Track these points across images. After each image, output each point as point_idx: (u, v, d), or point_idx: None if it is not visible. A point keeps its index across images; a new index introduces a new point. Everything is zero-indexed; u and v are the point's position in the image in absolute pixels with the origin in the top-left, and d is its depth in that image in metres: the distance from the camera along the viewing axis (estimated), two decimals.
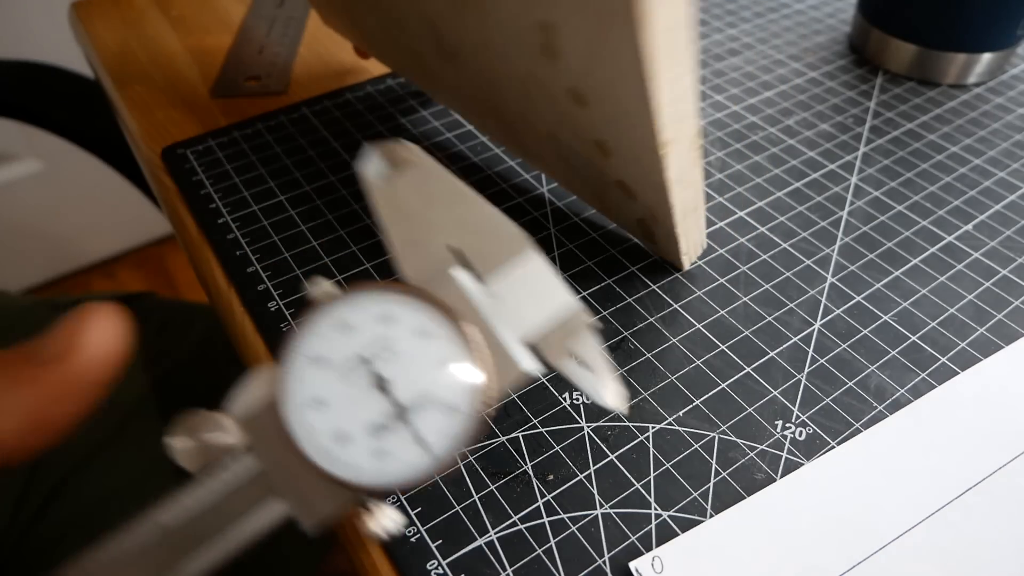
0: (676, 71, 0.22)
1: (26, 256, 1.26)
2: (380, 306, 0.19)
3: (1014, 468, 0.26)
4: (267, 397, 0.19)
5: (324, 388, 0.19)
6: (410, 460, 0.18)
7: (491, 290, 0.21)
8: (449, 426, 0.18)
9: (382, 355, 0.19)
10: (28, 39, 1.09)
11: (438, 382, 0.19)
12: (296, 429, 0.18)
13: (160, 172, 0.42)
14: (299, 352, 0.19)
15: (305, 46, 0.52)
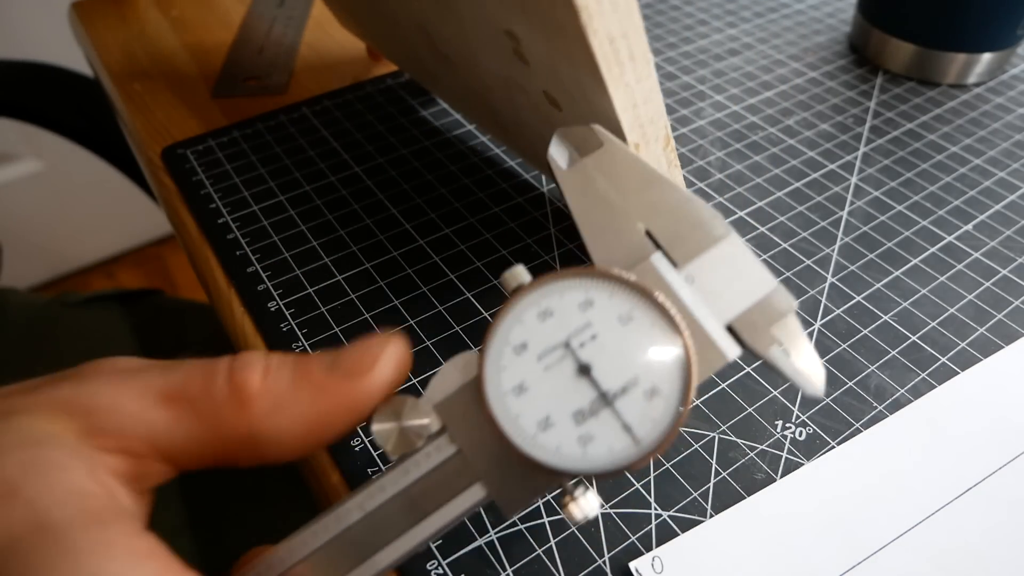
0: (631, 77, 0.22)
1: (26, 256, 1.26)
2: (581, 292, 0.19)
3: (1014, 468, 0.26)
4: (464, 383, 0.19)
5: (526, 374, 0.19)
6: (615, 447, 0.18)
7: (689, 274, 0.20)
8: (655, 412, 0.18)
9: (584, 341, 0.19)
10: (28, 39, 1.09)
11: (643, 368, 0.18)
12: (499, 414, 0.18)
13: (160, 172, 0.42)
14: (501, 339, 0.19)
15: (305, 46, 0.52)
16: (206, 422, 0.17)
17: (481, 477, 0.18)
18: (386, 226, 0.37)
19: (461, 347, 0.31)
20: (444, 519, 0.18)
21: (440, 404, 0.19)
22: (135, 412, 0.17)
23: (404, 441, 0.19)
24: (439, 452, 0.19)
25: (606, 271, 0.19)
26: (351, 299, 0.33)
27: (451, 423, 0.19)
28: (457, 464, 0.19)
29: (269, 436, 0.18)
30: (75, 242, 1.33)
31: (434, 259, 0.35)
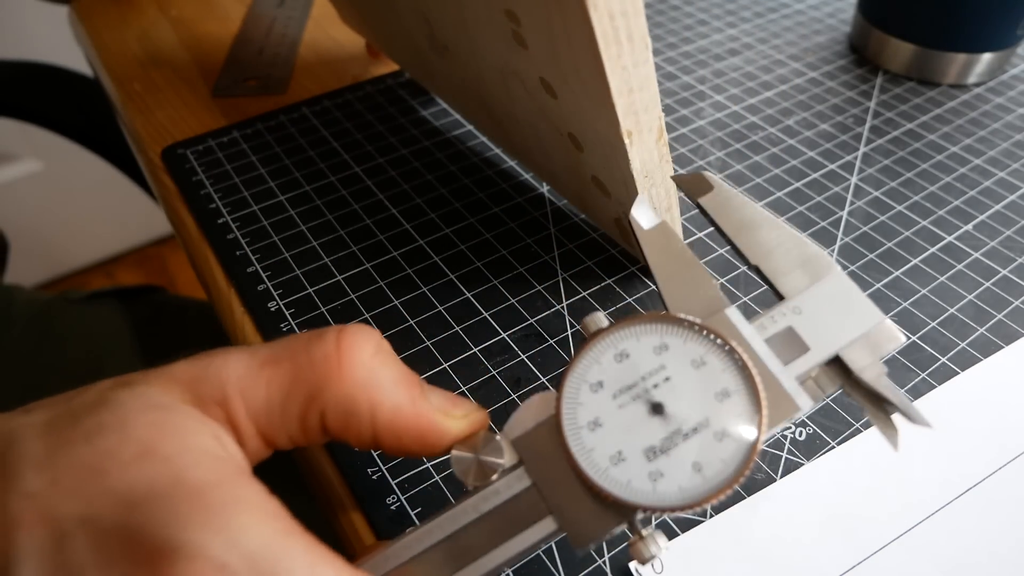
0: (628, 59, 0.22)
1: (26, 256, 1.26)
2: (657, 337, 0.20)
3: (1014, 468, 0.26)
4: (541, 421, 0.20)
5: (601, 411, 0.19)
6: (684, 484, 0.18)
7: (796, 306, 0.21)
8: (724, 454, 0.19)
9: (658, 383, 0.20)
10: (28, 39, 1.09)
11: (714, 411, 0.19)
12: (574, 447, 0.19)
13: (160, 172, 0.42)
14: (579, 378, 0.20)
15: (305, 46, 0.52)
16: (303, 375, 0.18)
17: (554, 510, 0.19)
18: (386, 226, 0.37)
19: (461, 347, 0.31)
20: (516, 548, 0.19)
21: (517, 439, 0.20)
22: (238, 378, 0.18)
23: (481, 472, 0.20)
24: (514, 485, 0.19)
25: (682, 318, 0.20)
26: (351, 299, 0.33)
27: (527, 458, 0.20)
28: (531, 497, 0.19)
29: (350, 408, 0.19)
30: (75, 242, 1.33)
31: (434, 259, 0.35)
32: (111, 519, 0.15)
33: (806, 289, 0.21)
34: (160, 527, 0.15)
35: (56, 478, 0.16)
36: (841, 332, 0.21)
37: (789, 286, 0.22)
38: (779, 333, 0.21)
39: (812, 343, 0.21)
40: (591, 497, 0.19)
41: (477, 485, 0.20)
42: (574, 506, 0.19)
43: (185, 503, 0.15)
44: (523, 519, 0.19)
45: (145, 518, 0.15)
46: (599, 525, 0.19)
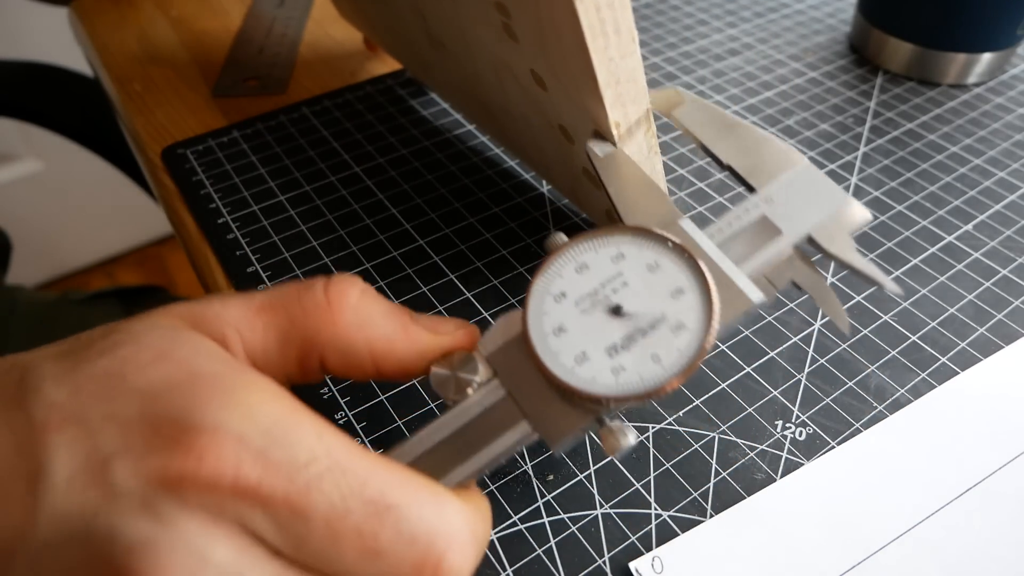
0: (615, 51, 0.23)
1: (26, 256, 1.26)
2: (614, 247, 0.22)
3: (1014, 468, 0.26)
4: (511, 337, 0.22)
5: (565, 318, 0.21)
6: (645, 375, 0.20)
7: (767, 195, 0.23)
8: (681, 344, 0.20)
9: (617, 287, 0.21)
10: (28, 39, 1.09)
11: (669, 307, 0.21)
12: (541, 352, 0.21)
13: (160, 172, 0.42)
14: (542, 290, 0.22)
15: (305, 46, 0.52)
16: (297, 324, 0.20)
17: (527, 414, 0.21)
18: (386, 226, 0.37)
19: None
20: (495, 451, 0.21)
21: (491, 355, 0.22)
22: (236, 319, 0.20)
23: (458, 387, 0.21)
24: (490, 396, 0.21)
25: (636, 227, 0.22)
26: None
27: (500, 370, 0.21)
28: (506, 406, 0.21)
29: (348, 348, 0.20)
30: (75, 242, 1.33)
31: (434, 259, 0.35)
32: (135, 411, 0.16)
33: (775, 180, 0.23)
34: (181, 411, 0.16)
35: (77, 387, 0.17)
36: (811, 214, 0.23)
37: (760, 180, 0.24)
38: (752, 223, 0.23)
39: (784, 227, 0.23)
40: (560, 397, 0.21)
41: (456, 399, 0.21)
42: (546, 408, 0.21)
43: (202, 389, 0.17)
44: (500, 425, 0.21)
45: (166, 405, 0.16)
46: (570, 422, 0.21)
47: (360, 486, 0.17)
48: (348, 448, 0.17)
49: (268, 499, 0.16)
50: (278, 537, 0.16)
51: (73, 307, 0.56)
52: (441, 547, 0.17)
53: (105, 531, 0.15)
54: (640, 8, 0.55)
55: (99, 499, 0.16)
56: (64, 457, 0.16)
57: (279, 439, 0.17)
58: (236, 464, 0.16)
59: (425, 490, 0.18)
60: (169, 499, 0.16)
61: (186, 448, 0.16)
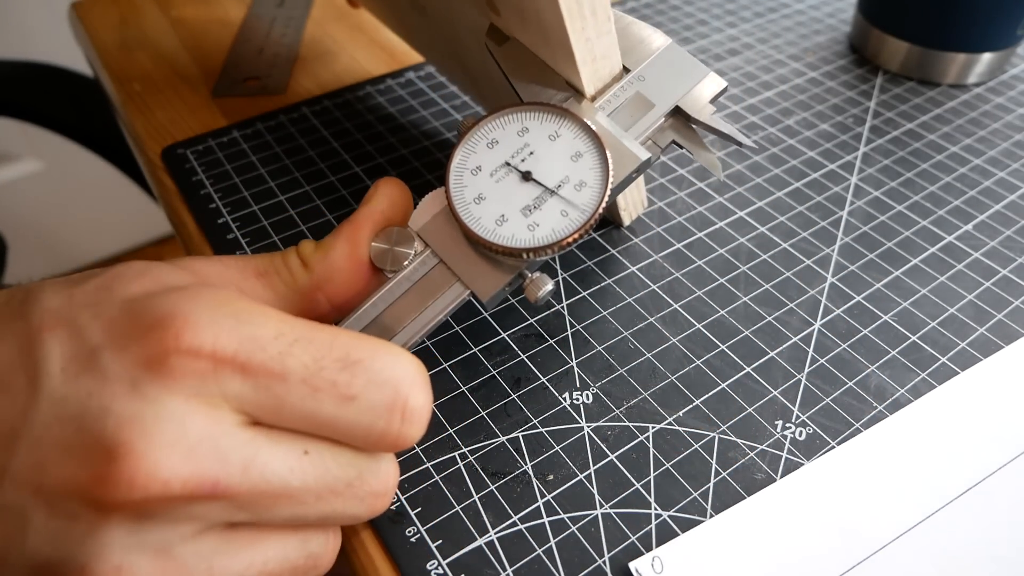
0: (592, 31, 0.25)
1: (26, 256, 1.26)
2: (519, 122, 0.25)
3: (1014, 468, 0.26)
4: (437, 210, 0.25)
5: (483, 188, 0.24)
6: (556, 227, 0.24)
7: (640, 75, 0.27)
8: (584, 199, 0.24)
9: (525, 157, 0.25)
10: (28, 39, 1.09)
11: (571, 169, 0.24)
12: (465, 219, 0.24)
13: (160, 172, 0.42)
14: (460, 166, 0.25)
15: (305, 46, 0.52)
16: (289, 284, 0.24)
17: (460, 275, 0.24)
18: None
19: (461, 347, 0.31)
20: (434, 312, 0.24)
21: (422, 228, 0.25)
22: (237, 280, 0.23)
23: (396, 259, 0.24)
24: (424, 265, 0.25)
25: (536, 103, 0.25)
26: None
27: (431, 241, 0.25)
28: (440, 271, 0.25)
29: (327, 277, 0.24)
30: (75, 242, 1.33)
31: None
32: (117, 311, 0.19)
33: (646, 60, 0.27)
34: (158, 307, 0.19)
35: (70, 296, 0.19)
36: (677, 87, 0.27)
37: (631, 60, 0.27)
38: (629, 99, 0.26)
39: (656, 100, 0.26)
40: (486, 257, 0.24)
41: (394, 269, 0.24)
42: (474, 268, 0.24)
43: (175, 292, 0.19)
44: (436, 289, 0.24)
45: (145, 304, 0.19)
46: (497, 277, 0.24)
47: (328, 348, 0.19)
48: (309, 323, 0.20)
49: (245, 366, 0.18)
50: (258, 401, 0.19)
51: None
52: (405, 388, 0.20)
53: (97, 410, 0.17)
54: (640, 8, 0.55)
55: (91, 383, 0.18)
56: (57, 351, 0.18)
57: (247, 321, 0.19)
58: (213, 339, 0.18)
59: (383, 346, 0.20)
60: (153, 378, 0.18)
61: (163, 331, 0.18)
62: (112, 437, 0.17)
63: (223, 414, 0.18)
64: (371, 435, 0.20)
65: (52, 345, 0.18)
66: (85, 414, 0.17)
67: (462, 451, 0.27)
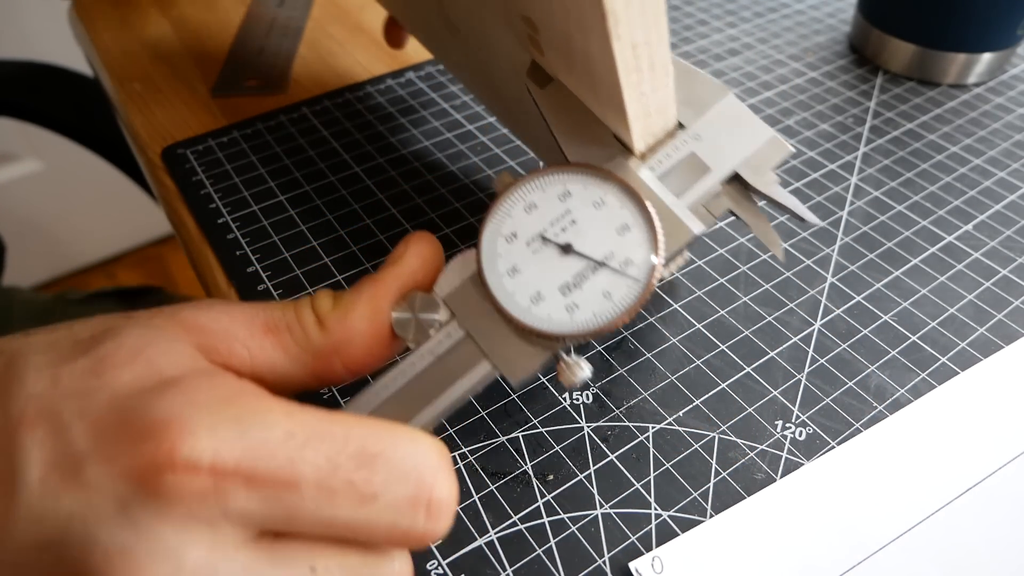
0: (648, 86, 0.22)
1: (26, 256, 1.26)
2: (560, 185, 0.22)
3: (1014, 468, 0.26)
4: (467, 277, 0.22)
5: (518, 258, 0.22)
6: (598, 311, 0.21)
7: (696, 133, 0.23)
8: (629, 280, 0.21)
9: (566, 226, 0.22)
10: (28, 39, 1.09)
11: (616, 243, 0.21)
12: (497, 294, 0.21)
13: (160, 172, 0.42)
14: (494, 231, 0.22)
15: (305, 46, 0.52)
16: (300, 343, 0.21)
17: (488, 353, 0.21)
18: (386, 226, 0.37)
19: None
20: (459, 391, 0.21)
21: (448, 296, 0.22)
22: (244, 337, 0.20)
23: (420, 330, 0.22)
24: (450, 337, 0.22)
25: (580, 165, 0.22)
26: None
27: (458, 311, 0.22)
28: (467, 346, 0.22)
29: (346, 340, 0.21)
30: (75, 242, 1.33)
31: None
32: (104, 408, 0.17)
33: (703, 115, 0.24)
34: (148, 409, 0.16)
35: (56, 379, 0.17)
36: (737, 151, 0.23)
37: (688, 115, 0.24)
38: (683, 160, 0.23)
39: (712, 164, 0.23)
40: (518, 336, 0.21)
41: (418, 340, 0.22)
42: (505, 347, 0.21)
43: (169, 388, 0.17)
44: (461, 366, 0.22)
45: (136, 405, 0.17)
46: (529, 359, 0.21)
47: (342, 445, 0.17)
48: (319, 417, 0.18)
49: (251, 477, 0.16)
50: (267, 514, 0.17)
51: (71, 307, 0.56)
52: (429, 479, 0.18)
53: (80, 537, 0.15)
54: None
55: (73, 502, 0.16)
56: (36, 455, 0.16)
57: (251, 423, 0.17)
58: (213, 449, 0.16)
59: (402, 433, 0.18)
60: (145, 501, 0.16)
61: (156, 442, 0.16)
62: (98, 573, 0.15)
63: (223, 536, 0.16)
64: (393, 535, 0.18)
65: (31, 447, 0.16)
66: (65, 540, 0.16)
67: (462, 451, 0.27)
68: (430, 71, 0.48)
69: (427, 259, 0.22)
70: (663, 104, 0.23)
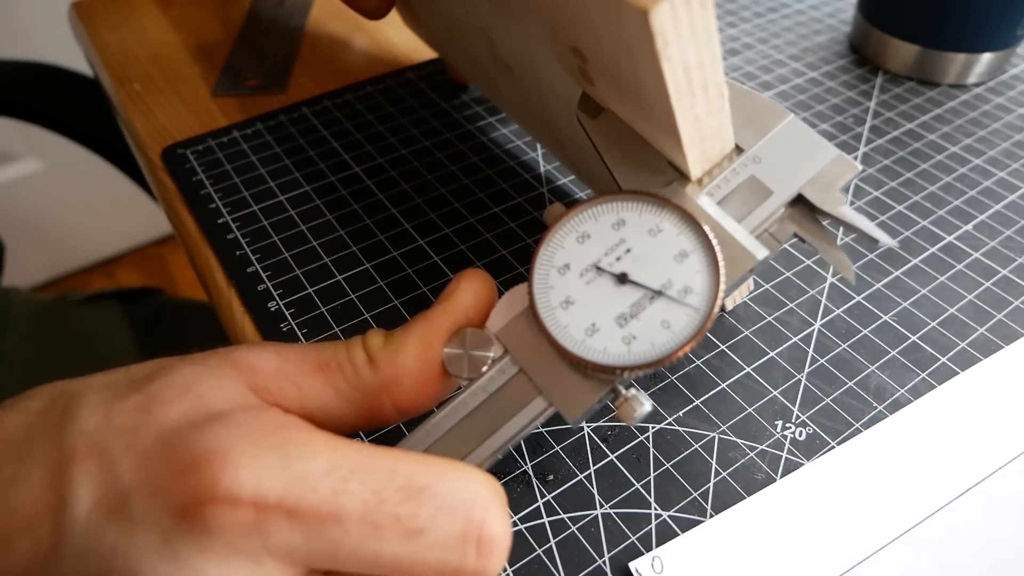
0: (702, 110, 0.21)
1: (26, 255, 1.26)
2: (613, 214, 0.22)
3: (1014, 468, 0.26)
4: (519, 311, 0.22)
5: (571, 290, 0.21)
6: (656, 341, 0.20)
7: (755, 155, 0.23)
8: (688, 309, 0.20)
9: (620, 255, 0.21)
10: (28, 39, 1.09)
11: (674, 271, 0.21)
12: (550, 327, 0.20)
13: (160, 172, 0.42)
14: (546, 263, 0.21)
15: (305, 46, 0.52)
16: (351, 382, 0.20)
17: (542, 389, 0.21)
18: (386, 226, 0.37)
19: None
20: (513, 429, 0.21)
21: (500, 331, 0.21)
22: (295, 375, 0.20)
23: (472, 366, 0.21)
24: (503, 373, 0.21)
25: (634, 192, 0.22)
26: (351, 299, 0.33)
27: (511, 346, 0.21)
28: (521, 382, 0.21)
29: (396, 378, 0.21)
30: (75, 242, 1.33)
31: (434, 259, 0.35)
32: (153, 442, 0.17)
33: (762, 139, 0.23)
34: (194, 442, 0.16)
35: (109, 415, 0.17)
36: (800, 172, 0.22)
37: (746, 138, 0.23)
38: (742, 184, 0.22)
39: (774, 187, 0.22)
40: (573, 370, 0.21)
41: (471, 377, 0.21)
42: (560, 382, 0.21)
43: (218, 424, 0.17)
44: (516, 403, 0.21)
45: (182, 438, 0.17)
46: (585, 395, 0.20)
47: (388, 478, 0.17)
48: (365, 450, 0.17)
49: (294, 511, 0.16)
50: (310, 549, 0.16)
51: (71, 308, 0.56)
52: (479, 514, 0.17)
53: (123, 571, 0.15)
54: None
55: (117, 535, 0.16)
56: (86, 488, 0.16)
57: (294, 455, 0.16)
58: (255, 481, 0.16)
59: (451, 467, 0.18)
60: (187, 533, 0.15)
61: (199, 474, 0.16)
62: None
63: (266, 571, 0.16)
64: (443, 572, 0.17)
65: (81, 480, 0.16)
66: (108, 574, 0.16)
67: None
68: (430, 71, 0.48)
69: (480, 296, 0.22)
70: (719, 127, 0.22)
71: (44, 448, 0.17)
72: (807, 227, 0.23)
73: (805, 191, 0.22)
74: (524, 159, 0.41)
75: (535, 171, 0.40)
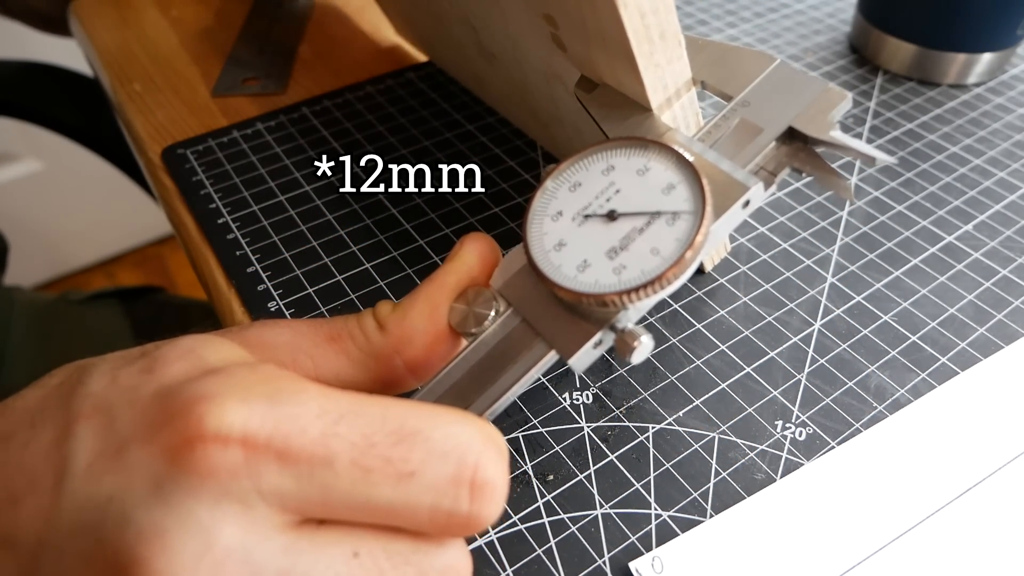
0: (661, 56, 0.23)
1: (26, 256, 1.26)
2: (603, 161, 0.22)
3: (1014, 468, 0.26)
4: (519, 268, 0.22)
5: (564, 233, 0.22)
6: (646, 267, 0.20)
7: (744, 100, 0.24)
8: (677, 233, 0.20)
9: (611, 196, 0.22)
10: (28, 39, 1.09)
11: (662, 202, 0.21)
12: (544, 268, 0.21)
13: (160, 172, 0.42)
14: (540, 213, 0.22)
15: (305, 46, 0.52)
16: (363, 349, 0.21)
17: (543, 334, 0.22)
18: (386, 226, 0.37)
19: None
20: (513, 377, 0.21)
21: (503, 286, 0.23)
22: (307, 347, 0.21)
23: (476, 321, 0.22)
24: (506, 325, 0.22)
25: (622, 137, 0.22)
26: (351, 299, 0.33)
27: (513, 300, 0.22)
28: (522, 331, 0.22)
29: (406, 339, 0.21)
30: (75, 242, 1.33)
31: (434, 259, 0.35)
32: (151, 396, 0.17)
33: (750, 84, 0.24)
34: (187, 391, 0.17)
35: (115, 378, 0.18)
36: (789, 107, 0.23)
37: (735, 87, 0.24)
38: (733, 128, 0.23)
39: (764, 124, 0.23)
40: (570, 312, 0.21)
41: (475, 331, 0.22)
42: (558, 325, 0.21)
43: (211, 375, 0.17)
44: (517, 350, 0.22)
45: (176, 389, 0.17)
46: (582, 332, 0.21)
47: (379, 422, 0.17)
48: (357, 397, 0.17)
49: (284, 452, 0.16)
50: (301, 493, 0.16)
51: (72, 307, 0.56)
52: (472, 458, 0.17)
53: (117, 518, 0.16)
54: None
55: (113, 484, 0.16)
56: (88, 443, 0.16)
57: (284, 400, 0.17)
58: (243, 421, 0.16)
59: (444, 411, 0.18)
60: (177, 476, 0.16)
61: (186, 416, 0.16)
62: (129, 554, 0.15)
63: (258, 516, 0.16)
64: (437, 517, 0.17)
65: (84, 436, 0.17)
66: (104, 522, 0.16)
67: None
68: (430, 71, 0.48)
69: (483, 255, 0.23)
70: (679, 74, 0.24)
71: (54, 414, 0.17)
72: (801, 158, 0.23)
73: (795, 123, 0.23)
74: (523, 159, 0.41)
75: (535, 171, 0.40)
